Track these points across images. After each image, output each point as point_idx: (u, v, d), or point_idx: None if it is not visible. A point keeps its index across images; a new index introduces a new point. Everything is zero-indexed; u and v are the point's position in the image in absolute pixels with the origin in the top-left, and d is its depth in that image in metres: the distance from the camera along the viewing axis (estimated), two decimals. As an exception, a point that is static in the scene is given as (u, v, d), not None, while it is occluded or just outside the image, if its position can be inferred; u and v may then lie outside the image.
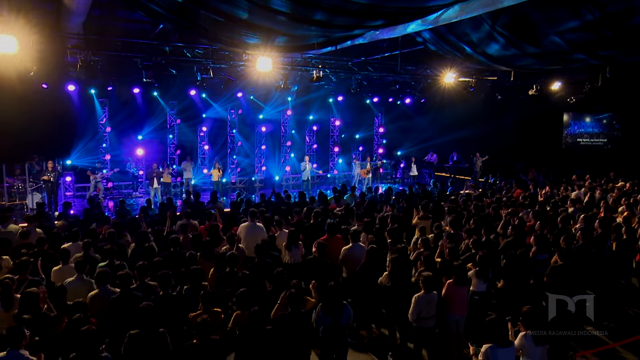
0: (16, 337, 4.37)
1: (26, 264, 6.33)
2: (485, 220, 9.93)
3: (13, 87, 12.79)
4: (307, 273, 7.57)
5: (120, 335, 5.46)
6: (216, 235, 8.42)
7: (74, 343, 4.63)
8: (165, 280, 5.79)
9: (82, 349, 4.47)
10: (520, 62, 12.37)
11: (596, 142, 25.70)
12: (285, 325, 5.28)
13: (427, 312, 6.23)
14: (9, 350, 4.35)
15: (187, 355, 4.75)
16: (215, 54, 11.56)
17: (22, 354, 4.38)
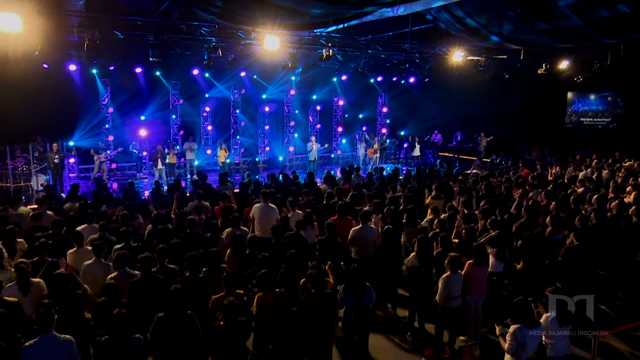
0: (46, 321, 4.31)
1: (45, 245, 6.26)
2: (498, 200, 9.93)
3: (17, 67, 12.59)
4: (321, 254, 7.56)
5: (143, 318, 5.46)
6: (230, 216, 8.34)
7: (105, 326, 4.59)
8: (192, 262, 5.74)
9: (114, 332, 4.45)
10: (533, 40, 12.20)
11: (600, 122, 25.64)
12: (310, 307, 5.25)
13: (454, 292, 6.23)
14: (40, 335, 4.30)
15: (216, 338, 4.73)
16: (222, 32, 11.32)
17: (56, 335, 4.34)
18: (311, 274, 5.44)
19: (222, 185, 11.44)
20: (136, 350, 4.54)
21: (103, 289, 5.16)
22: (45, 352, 4.27)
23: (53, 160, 13.91)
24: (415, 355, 6.47)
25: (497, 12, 11.26)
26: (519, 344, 4.58)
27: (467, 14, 11.54)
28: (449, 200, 10.28)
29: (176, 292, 4.82)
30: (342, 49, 13.39)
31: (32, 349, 4.26)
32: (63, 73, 15.59)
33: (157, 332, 4.73)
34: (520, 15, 10.79)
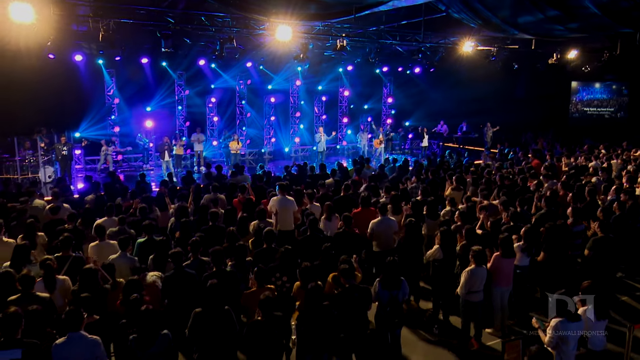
0: (75, 320, 4.26)
1: (69, 240, 6.19)
2: (515, 192, 9.90)
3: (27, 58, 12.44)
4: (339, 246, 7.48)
5: (176, 314, 5.42)
6: (252, 210, 8.28)
7: (134, 322, 4.53)
8: (218, 256, 5.68)
9: (143, 328, 4.39)
10: (548, 30, 12.10)
11: (604, 111, 25.61)
12: (345, 301, 5.22)
13: (476, 286, 6.20)
14: (69, 334, 4.24)
15: (254, 333, 4.68)
16: (235, 23, 11.15)
17: (84, 335, 4.28)
18: (345, 269, 5.40)
19: (237, 178, 11.33)
20: (166, 347, 4.50)
21: (128, 285, 5.08)
22: (74, 350, 4.23)
23: (61, 152, 13.80)
24: (443, 347, 6.46)
25: (513, 2, 11.15)
26: (561, 337, 4.55)
27: (481, 4, 11.42)
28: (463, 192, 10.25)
29: (213, 287, 4.76)
30: (353, 39, 13.22)
31: (61, 347, 4.21)
32: (69, 64, 15.42)
33: (195, 328, 4.68)
34: (536, 4, 10.68)
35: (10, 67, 12.85)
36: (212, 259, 5.72)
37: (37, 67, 13.98)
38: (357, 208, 8.64)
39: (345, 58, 19.11)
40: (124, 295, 4.97)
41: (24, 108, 14.57)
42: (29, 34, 9.75)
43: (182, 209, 7.94)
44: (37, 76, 14.08)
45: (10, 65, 12.69)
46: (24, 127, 15.00)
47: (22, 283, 4.91)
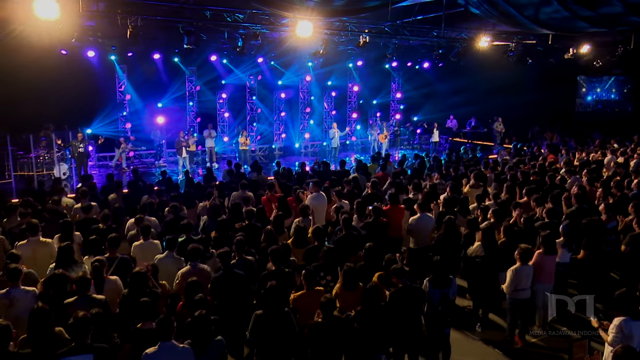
0: (167, 329, 4.16)
1: (117, 240, 6.14)
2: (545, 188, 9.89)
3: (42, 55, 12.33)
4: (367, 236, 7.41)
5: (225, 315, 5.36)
6: (287, 207, 8.25)
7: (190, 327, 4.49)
8: (277, 256, 5.64)
9: (198, 334, 4.35)
10: (568, 25, 12.06)
11: (611, 105, 25.65)
12: (399, 301, 5.20)
13: (523, 284, 6.19)
14: (160, 343, 4.16)
15: (316, 334, 4.66)
16: (256, 18, 11.07)
17: (175, 344, 4.18)
18: (397, 268, 5.37)
19: (257, 175, 11.29)
20: (219, 353, 4.47)
21: (189, 288, 5.03)
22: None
23: (78, 149, 13.69)
24: (487, 345, 6.47)
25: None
26: (625, 336, 4.55)
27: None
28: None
29: (273, 289, 4.72)
30: (374, 34, 13.15)
31: (153, 356, 4.12)
32: (81, 59, 15.29)
33: (257, 330, 4.65)
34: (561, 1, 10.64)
35: (24, 64, 12.73)
36: (271, 258, 5.66)
37: (50, 64, 13.87)
38: (386, 205, 8.59)
39: (356, 53, 19.03)
40: (187, 299, 4.92)
41: (36, 105, 14.43)
42: (52, 31, 9.65)
43: (216, 208, 7.89)
44: (50, 72, 13.97)
45: (24, 61, 12.57)
46: (37, 124, 14.89)
47: (79, 285, 4.86)
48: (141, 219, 7.25)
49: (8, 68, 12.05)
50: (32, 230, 6.38)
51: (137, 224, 7.11)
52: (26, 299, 5.01)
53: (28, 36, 9.91)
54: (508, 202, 9.15)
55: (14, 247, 6.79)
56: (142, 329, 4.47)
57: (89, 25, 11.99)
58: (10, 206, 7.95)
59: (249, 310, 5.56)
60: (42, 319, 4.25)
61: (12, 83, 12.76)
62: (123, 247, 6.75)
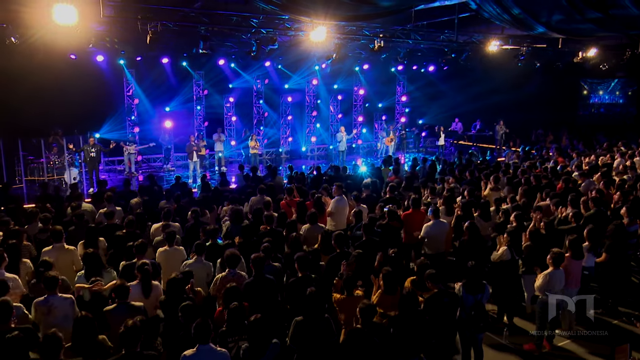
0: (204, 332, 4.19)
1: (144, 246, 6.14)
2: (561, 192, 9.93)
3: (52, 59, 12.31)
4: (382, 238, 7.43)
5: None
6: (305, 212, 8.25)
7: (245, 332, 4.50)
8: (304, 263, 5.65)
9: (255, 338, 4.36)
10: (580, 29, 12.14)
11: (614, 108, 25.75)
12: (435, 306, 5.22)
13: (555, 288, 6.22)
14: (198, 346, 4.19)
15: (356, 341, 4.66)
16: (271, 23, 11.11)
17: (213, 347, 4.22)
18: (432, 273, 5.39)
19: (272, 179, 11.29)
20: (276, 355, 4.47)
21: (228, 293, 5.03)
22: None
23: (90, 154, 13.67)
24: (514, 349, 6.49)
25: (548, 1, 11.16)
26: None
27: (515, 3, 11.42)
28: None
29: (313, 295, 4.73)
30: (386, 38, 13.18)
31: (191, 359, 4.16)
32: (89, 64, 15.26)
33: (297, 336, 4.66)
34: (572, 4, 10.70)
35: (36, 68, 12.72)
36: (298, 265, 5.68)
37: (60, 68, 13.86)
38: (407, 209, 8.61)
39: (363, 57, 19.06)
40: (226, 303, 4.93)
41: (45, 109, 14.40)
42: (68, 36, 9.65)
43: (238, 213, 7.88)
44: (60, 77, 13.95)
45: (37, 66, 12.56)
46: (46, 128, 14.87)
47: (118, 292, 4.85)
48: (168, 225, 7.24)
49: (22, 72, 12.04)
50: (57, 236, 6.37)
51: (163, 230, 7.10)
52: (64, 306, 5.02)
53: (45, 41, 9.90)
54: (525, 205, 9.20)
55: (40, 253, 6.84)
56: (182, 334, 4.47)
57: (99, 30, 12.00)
58: (31, 212, 7.94)
59: (279, 316, 5.61)
60: (86, 327, 4.25)
61: (24, 87, 12.74)
62: (148, 252, 6.77)
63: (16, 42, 9.76)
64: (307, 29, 11.40)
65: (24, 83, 12.67)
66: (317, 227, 7.62)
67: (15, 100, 13.18)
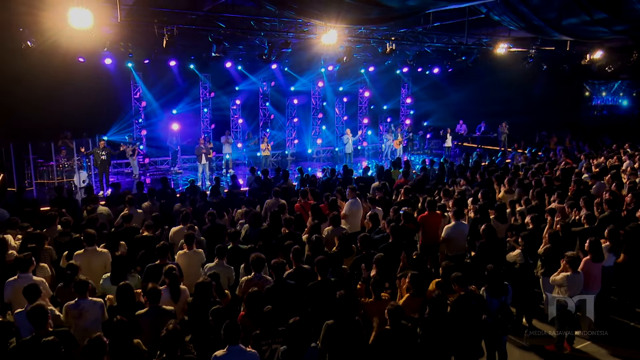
0: (234, 333, 4.23)
1: (166, 249, 6.17)
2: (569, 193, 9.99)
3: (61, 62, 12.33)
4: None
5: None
6: (321, 215, 8.29)
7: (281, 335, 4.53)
8: (323, 265, 5.68)
9: (293, 341, 4.38)
10: (588, 32, 12.19)
11: (618, 110, 25.82)
12: (462, 309, 5.25)
13: (573, 291, 6.26)
14: (228, 347, 4.22)
15: (384, 342, 4.70)
16: (284, 26, 11.15)
17: (242, 348, 4.26)
18: (458, 276, 5.42)
19: (284, 182, 11.31)
20: (314, 358, 4.50)
21: (250, 297, 5.05)
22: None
23: (100, 157, 13.70)
24: (536, 351, 6.52)
25: (559, 3, 11.22)
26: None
27: (526, 5, 11.48)
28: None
29: (343, 298, 4.76)
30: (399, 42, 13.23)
31: (222, 359, 4.19)
32: (97, 67, 15.29)
33: (329, 339, 4.69)
34: (583, 6, 10.76)
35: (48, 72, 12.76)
36: (317, 268, 5.70)
37: (69, 71, 13.89)
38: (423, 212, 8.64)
39: (370, 59, 19.13)
40: (248, 307, 4.95)
41: (54, 112, 14.41)
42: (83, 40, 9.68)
43: (257, 216, 7.90)
44: (69, 80, 13.99)
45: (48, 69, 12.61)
46: (55, 131, 14.89)
47: (150, 296, 4.88)
48: (193, 227, 7.29)
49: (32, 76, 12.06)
50: (90, 240, 6.39)
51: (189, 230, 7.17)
52: (94, 310, 5.05)
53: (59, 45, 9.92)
54: (538, 207, 9.25)
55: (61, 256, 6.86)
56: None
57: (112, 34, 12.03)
58: (49, 216, 7.95)
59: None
60: (122, 331, 4.27)
61: (33, 91, 12.75)
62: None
63: (32, 46, 9.80)
64: (319, 32, 11.44)
65: (33, 87, 12.67)
66: (339, 230, 7.66)
67: (24, 104, 13.18)
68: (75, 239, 7.10)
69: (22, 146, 13.59)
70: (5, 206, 9.08)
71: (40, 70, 12.16)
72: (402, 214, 7.96)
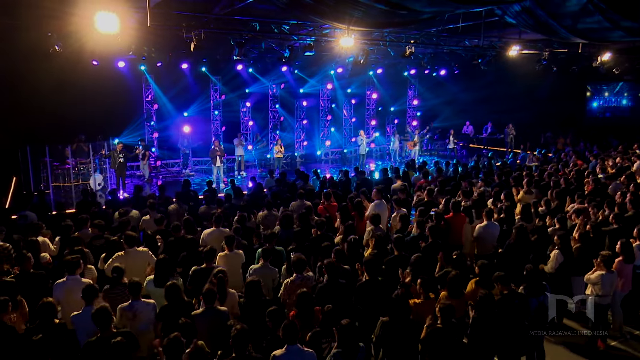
0: (293, 332, 4.31)
1: (213, 252, 6.24)
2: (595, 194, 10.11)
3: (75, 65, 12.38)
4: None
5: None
6: (350, 216, 8.38)
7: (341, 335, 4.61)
8: (372, 266, 5.77)
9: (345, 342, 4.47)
10: (605, 34, 12.29)
11: (621, 111, 26.03)
12: (507, 307, 5.35)
13: (606, 290, 6.37)
14: (287, 346, 4.31)
15: (435, 340, 4.79)
16: (302, 29, 11.25)
17: (300, 348, 4.34)
18: (501, 275, 5.53)
19: (304, 184, 11.40)
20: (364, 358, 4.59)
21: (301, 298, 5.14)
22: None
23: (117, 160, 13.75)
24: (571, 349, 6.64)
25: (576, 7, 11.33)
26: None
27: (542, 9, 11.59)
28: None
29: (399, 297, 4.86)
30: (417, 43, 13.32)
31: (281, 358, 4.27)
32: (110, 70, 15.32)
33: (384, 337, 4.78)
34: (601, 9, 10.87)
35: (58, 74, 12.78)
36: (366, 268, 5.80)
37: (82, 74, 13.91)
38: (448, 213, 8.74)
39: (378, 61, 19.24)
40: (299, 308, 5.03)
41: (69, 115, 14.46)
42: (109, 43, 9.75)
43: (288, 218, 7.98)
44: (82, 83, 14.03)
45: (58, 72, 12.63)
46: (70, 134, 14.91)
47: (206, 297, 4.96)
48: (239, 229, 7.40)
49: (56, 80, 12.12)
50: (131, 241, 6.46)
51: (236, 232, 7.28)
52: (147, 311, 5.12)
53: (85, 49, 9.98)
54: (559, 208, 9.39)
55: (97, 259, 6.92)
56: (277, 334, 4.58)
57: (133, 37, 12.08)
58: (81, 219, 8.00)
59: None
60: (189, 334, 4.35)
61: (53, 94, 12.81)
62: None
63: (59, 50, 9.85)
64: (337, 34, 11.54)
65: (52, 90, 12.73)
66: (379, 230, 7.76)
67: (40, 107, 13.23)
68: (111, 241, 7.17)
69: (38, 149, 13.61)
70: (32, 209, 9.13)
71: (62, 74, 12.18)
72: (433, 215, 8.06)
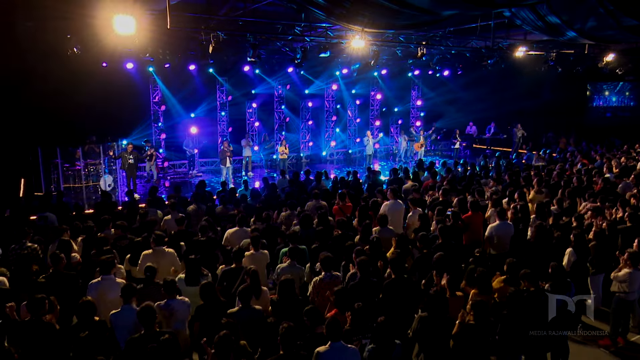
0: (337, 329, 4.39)
1: (241, 252, 6.32)
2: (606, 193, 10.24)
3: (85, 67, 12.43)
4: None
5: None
6: (368, 216, 8.47)
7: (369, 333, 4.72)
8: (397, 264, 5.87)
9: (380, 339, 4.57)
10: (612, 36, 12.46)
11: (623, 111, 26.20)
12: (533, 303, 5.46)
13: (632, 287, 6.49)
14: (331, 343, 4.38)
15: (468, 336, 4.89)
16: (314, 31, 11.37)
17: (344, 345, 4.42)
18: (527, 273, 5.64)
19: (318, 184, 11.48)
20: (399, 357, 4.69)
21: (339, 294, 5.24)
22: (338, 358, 4.38)
23: (128, 161, 13.81)
24: (591, 345, 6.75)
25: (585, 9, 11.46)
26: None
27: (551, 11, 11.72)
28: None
29: (437, 294, 4.97)
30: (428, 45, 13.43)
31: (326, 354, 4.36)
32: (119, 71, 15.36)
33: (421, 331, 4.88)
34: (609, 11, 11.02)
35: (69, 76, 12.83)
36: (391, 267, 5.91)
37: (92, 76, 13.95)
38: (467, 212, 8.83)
39: (383, 62, 19.34)
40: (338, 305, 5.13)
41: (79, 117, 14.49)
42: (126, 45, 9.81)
43: (307, 218, 8.07)
44: (92, 84, 14.05)
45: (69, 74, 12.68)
46: (80, 135, 14.95)
47: (242, 296, 5.05)
48: (257, 229, 7.48)
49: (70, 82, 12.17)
50: (159, 241, 6.54)
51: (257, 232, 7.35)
52: (183, 309, 5.22)
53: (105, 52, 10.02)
54: (571, 207, 9.50)
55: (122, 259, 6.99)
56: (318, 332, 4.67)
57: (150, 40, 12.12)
58: (103, 220, 8.08)
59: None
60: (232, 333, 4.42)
61: (64, 95, 12.85)
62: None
63: (78, 53, 9.92)
64: (348, 36, 11.65)
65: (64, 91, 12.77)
66: (386, 230, 7.85)
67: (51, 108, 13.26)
68: (135, 242, 7.27)
69: (49, 150, 13.66)
70: (52, 210, 9.20)
71: (72, 75, 12.23)
72: (450, 214, 8.17)
